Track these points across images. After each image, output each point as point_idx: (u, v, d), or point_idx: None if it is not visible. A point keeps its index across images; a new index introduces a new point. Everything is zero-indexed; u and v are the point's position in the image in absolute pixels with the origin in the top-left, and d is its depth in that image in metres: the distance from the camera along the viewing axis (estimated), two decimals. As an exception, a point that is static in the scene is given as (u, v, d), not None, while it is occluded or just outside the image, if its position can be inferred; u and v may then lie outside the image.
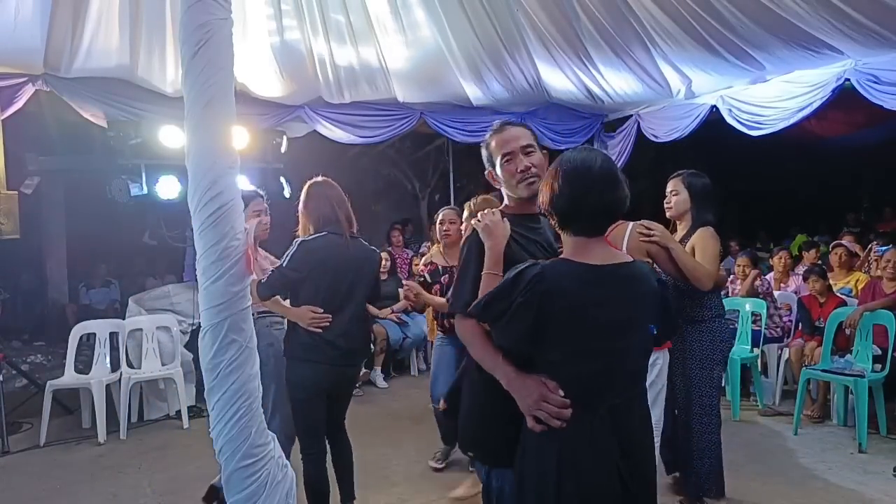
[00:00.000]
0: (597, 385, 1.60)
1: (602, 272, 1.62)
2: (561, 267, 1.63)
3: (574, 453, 1.56)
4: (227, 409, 2.09)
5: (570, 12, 4.79)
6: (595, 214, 1.64)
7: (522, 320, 1.58)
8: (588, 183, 1.61)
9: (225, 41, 2.12)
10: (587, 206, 1.61)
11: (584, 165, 1.63)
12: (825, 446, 4.20)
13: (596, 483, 1.56)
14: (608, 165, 1.65)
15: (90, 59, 4.71)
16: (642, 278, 1.69)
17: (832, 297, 5.13)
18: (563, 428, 1.55)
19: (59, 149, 6.92)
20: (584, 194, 1.61)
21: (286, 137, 6.02)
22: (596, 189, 1.61)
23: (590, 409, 1.58)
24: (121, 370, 4.94)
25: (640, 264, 1.76)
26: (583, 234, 1.65)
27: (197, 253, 2.13)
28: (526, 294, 1.57)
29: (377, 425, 4.85)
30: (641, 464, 1.64)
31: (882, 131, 7.63)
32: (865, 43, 4.12)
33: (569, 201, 1.62)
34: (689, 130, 5.91)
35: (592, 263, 1.62)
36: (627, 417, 1.63)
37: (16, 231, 4.68)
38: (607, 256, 1.66)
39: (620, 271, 1.65)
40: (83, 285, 8.97)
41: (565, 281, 1.59)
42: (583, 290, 1.60)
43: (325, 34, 5.11)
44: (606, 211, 1.65)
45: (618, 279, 1.64)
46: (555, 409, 1.55)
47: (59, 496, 3.78)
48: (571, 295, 1.58)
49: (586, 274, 1.61)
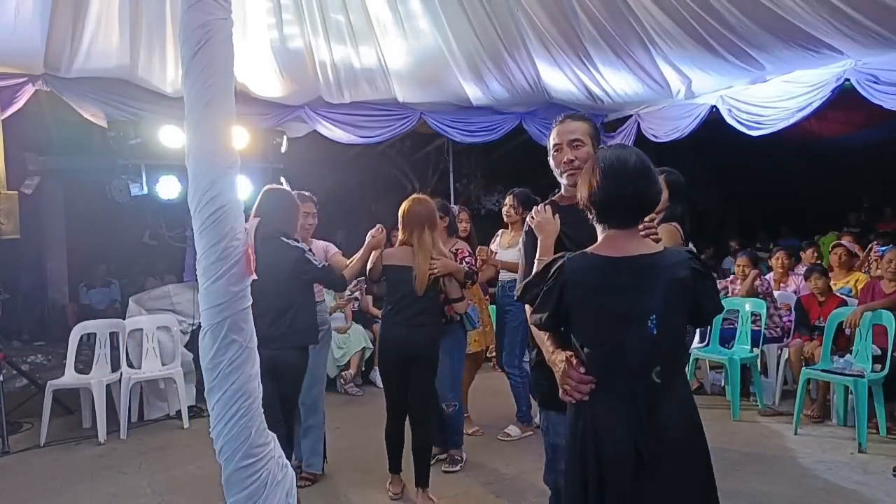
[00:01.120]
0: (616, 366, 1.73)
1: (620, 263, 1.74)
2: (581, 260, 1.78)
3: (595, 423, 1.73)
4: (227, 409, 2.09)
5: (569, 12, 4.79)
6: (630, 209, 1.76)
7: (547, 305, 1.79)
8: (624, 179, 1.73)
9: (225, 41, 2.11)
10: (623, 200, 1.74)
11: (621, 162, 1.75)
12: (825, 446, 4.20)
13: (612, 452, 1.70)
14: (642, 162, 1.77)
15: (90, 59, 4.72)
16: (670, 269, 1.76)
17: (832, 297, 5.13)
18: (590, 403, 1.74)
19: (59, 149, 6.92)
20: (620, 190, 1.73)
21: (286, 137, 6.02)
22: (631, 184, 1.73)
23: (611, 387, 1.73)
24: (121, 370, 4.94)
25: (671, 255, 1.81)
26: (617, 226, 1.78)
27: (197, 253, 2.13)
28: (550, 283, 1.78)
29: (377, 425, 4.83)
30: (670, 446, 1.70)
31: (882, 131, 7.63)
32: (865, 43, 4.12)
33: (606, 196, 1.74)
34: (689, 130, 5.92)
35: (612, 256, 1.75)
36: (653, 400, 1.71)
37: (16, 231, 4.68)
38: (634, 247, 1.77)
39: (640, 262, 1.75)
40: (83, 285, 8.97)
41: (583, 273, 1.75)
42: (600, 280, 1.74)
43: (325, 34, 5.11)
44: (641, 205, 1.77)
45: (636, 269, 1.74)
46: (574, 384, 1.74)
47: (59, 496, 3.78)
48: (588, 285, 1.75)
49: (605, 266, 1.75)
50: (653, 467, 1.68)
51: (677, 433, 1.73)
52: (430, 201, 3.56)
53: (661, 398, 1.72)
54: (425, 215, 3.44)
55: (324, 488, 3.72)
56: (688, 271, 1.76)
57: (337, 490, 3.71)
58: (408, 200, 3.54)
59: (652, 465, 1.68)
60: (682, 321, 1.82)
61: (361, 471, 3.97)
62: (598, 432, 1.73)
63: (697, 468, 1.77)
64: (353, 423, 5.00)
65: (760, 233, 12.04)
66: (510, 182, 6.28)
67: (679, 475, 1.72)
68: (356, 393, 5.80)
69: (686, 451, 1.75)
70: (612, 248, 1.76)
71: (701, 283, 1.79)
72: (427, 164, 10.70)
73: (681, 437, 1.74)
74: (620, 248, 1.76)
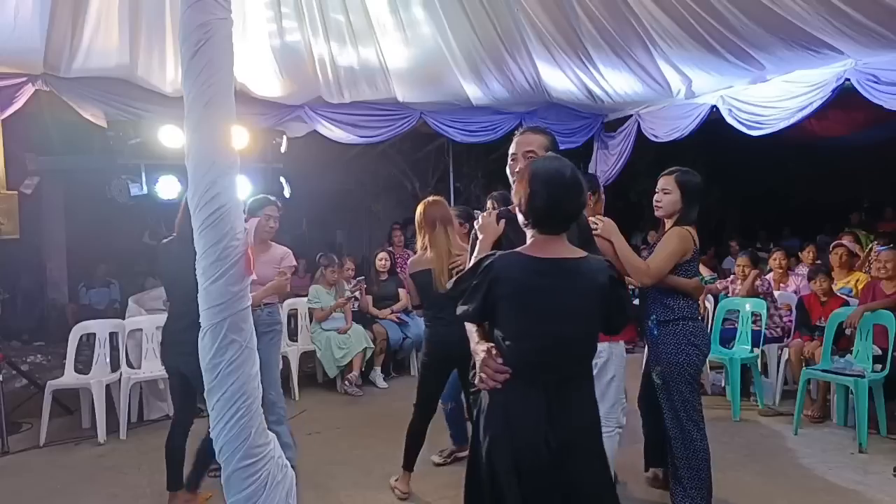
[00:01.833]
0: (534, 361, 1.86)
1: (546, 264, 1.88)
2: (510, 258, 1.91)
3: (510, 415, 1.86)
4: (227, 409, 2.09)
5: (570, 12, 4.79)
6: (563, 218, 1.91)
7: (475, 298, 1.90)
8: (562, 190, 1.87)
9: (225, 41, 2.11)
10: (558, 210, 1.88)
11: (560, 174, 1.88)
12: (825, 446, 4.20)
13: (524, 444, 1.84)
14: (576, 175, 1.91)
15: (90, 59, 4.72)
16: (588, 273, 1.90)
17: (834, 297, 5.13)
18: (504, 391, 1.86)
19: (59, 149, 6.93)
20: (555, 200, 1.87)
21: (286, 137, 6.02)
22: (567, 196, 1.88)
23: (527, 380, 1.86)
24: (121, 370, 4.94)
25: (592, 261, 1.95)
26: (549, 232, 1.91)
27: (197, 253, 2.13)
28: (479, 277, 1.90)
29: (377, 425, 4.85)
30: (574, 438, 1.86)
31: (882, 131, 7.62)
32: (865, 43, 4.12)
33: (545, 205, 1.87)
34: (689, 130, 5.91)
35: (539, 256, 1.89)
36: (564, 394, 1.86)
37: (16, 231, 4.69)
38: (560, 251, 1.91)
39: (565, 265, 1.89)
40: (83, 285, 8.97)
41: (511, 270, 1.87)
42: (526, 278, 1.87)
43: (325, 34, 5.11)
44: (571, 215, 1.92)
45: (561, 272, 1.88)
46: (491, 373, 1.87)
47: (59, 496, 3.78)
48: (515, 282, 1.87)
49: (532, 265, 1.88)
50: (559, 456, 1.82)
51: (583, 426, 1.89)
52: (442, 202, 3.60)
53: (571, 393, 1.88)
54: (438, 215, 3.49)
55: (324, 488, 3.71)
56: (606, 278, 1.90)
57: (337, 490, 3.71)
58: (421, 204, 3.60)
59: (558, 455, 1.82)
60: (597, 323, 1.94)
61: (361, 471, 3.97)
62: (511, 421, 1.86)
63: (597, 459, 1.93)
64: (353, 423, 5.00)
65: (760, 233, 12.05)
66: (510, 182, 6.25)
67: (582, 465, 1.87)
68: (356, 393, 5.80)
69: (589, 443, 1.91)
70: (539, 250, 1.90)
71: (615, 290, 1.91)
72: (427, 164, 10.70)
73: (586, 429, 1.90)
74: (547, 251, 1.89)
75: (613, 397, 3.14)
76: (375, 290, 6.53)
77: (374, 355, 6.11)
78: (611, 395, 3.14)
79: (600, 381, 3.17)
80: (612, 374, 3.13)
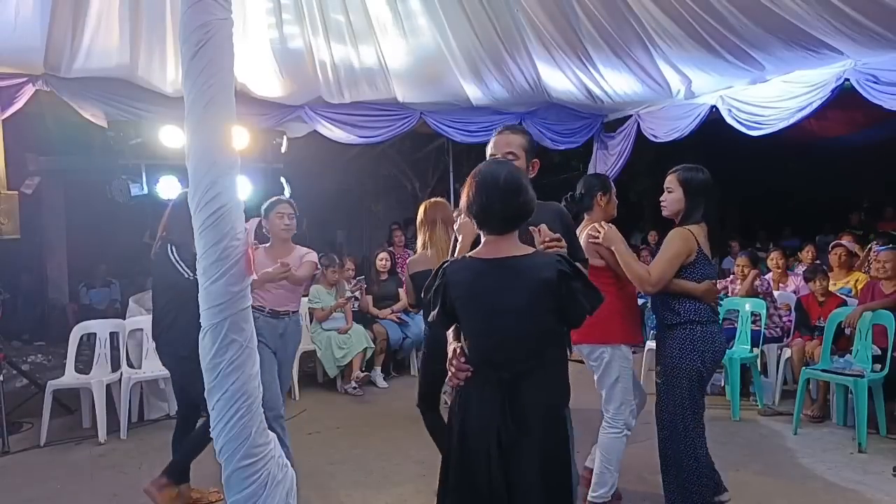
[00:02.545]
0: (488, 359, 1.95)
1: (491, 264, 1.95)
2: (460, 262, 2.03)
3: (469, 406, 1.98)
4: (227, 409, 2.10)
5: (569, 12, 4.79)
6: (502, 218, 1.95)
7: (436, 304, 2.00)
8: (494, 192, 1.93)
9: (225, 41, 2.12)
10: (494, 211, 1.94)
11: (493, 178, 1.95)
12: (825, 446, 4.20)
13: (477, 433, 1.93)
14: (511, 177, 1.96)
15: (90, 59, 4.72)
16: (534, 270, 1.93)
17: (832, 297, 5.13)
18: (466, 388, 1.98)
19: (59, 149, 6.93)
20: (490, 202, 1.93)
21: (286, 137, 6.02)
22: (499, 197, 1.92)
23: (484, 377, 1.95)
24: (121, 370, 4.94)
25: (538, 257, 1.99)
26: (494, 233, 1.98)
27: (197, 253, 2.13)
28: (437, 283, 2.01)
29: (377, 425, 4.86)
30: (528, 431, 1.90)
31: (882, 131, 7.62)
32: (865, 43, 4.12)
33: (480, 208, 1.95)
34: (689, 130, 5.91)
35: (486, 258, 1.97)
36: (517, 390, 1.92)
37: (16, 231, 4.69)
38: (506, 250, 1.96)
39: (507, 263, 1.94)
40: (83, 285, 8.98)
41: (461, 274, 1.98)
42: (473, 279, 1.96)
43: (325, 34, 5.11)
44: (511, 215, 1.95)
45: (504, 271, 1.94)
46: (454, 371, 1.98)
47: (59, 496, 3.78)
48: (464, 285, 1.97)
49: (479, 266, 1.97)
50: (511, 449, 1.89)
51: (535, 421, 1.91)
52: (445, 203, 3.63)
53: (524, 388, 1.92)
54: (439, 215, 3.52)
55: (324, 488, 3.71)
56: (553, 273, 1.90)
57: (337, 490, 3.71)
58: (423, 204, 3.63)
59: (510, 448, 1.89)
60: (548, 318, 1.94)
61: (361, 471, 3.97)
62: (467, 414, 1.97)
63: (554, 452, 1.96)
64: (353, 423, 5.00)
65: (760, 233, 12.06)
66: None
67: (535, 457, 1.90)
68: (357, 393, 5.80)
69: (542, 436, 1.92)
70: (487, 251, 1.98)
71: (566, 284, 1.90)
72: (427, 164, 10.71)
73: (537, 425, 1.92)
74: (494, 251, 1.97)
75: (620, 398, 3.13)
76: (376, 289, 6.53)
77: (375, 355, 6.12)
78: (617, 397, 3.13)
79: (604, 382, 3.17)
80: (615, 375, 3.11)
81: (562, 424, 2.01)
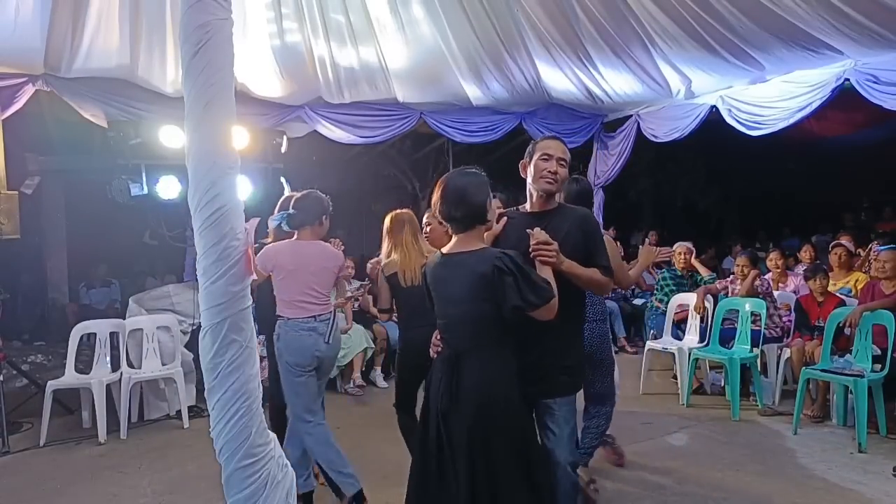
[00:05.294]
0: (445, 337, 2.38)
1: (447, 259, 2.34)
2: (433, 258, 2.43)
3: (434, 372, 2.40)
4: (227, 409, 2.09)
5: (569, 12, 4.79)
6: (453, 219, 2.31)
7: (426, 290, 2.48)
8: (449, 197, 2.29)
9: (225, 41, 2.12)
10: (447, 214, 2.31)
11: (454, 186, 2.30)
12: (825, 446, 4.20)
13: (432, 395, 2.36)
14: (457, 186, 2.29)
15: (90, 59, 4.72)
16: (475, 264, 2.23)
17: (831, 296, 5.13)
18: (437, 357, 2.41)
19: (59, 149, 6.92)
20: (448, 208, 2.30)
21: (286, 137, 6.02)
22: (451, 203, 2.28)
23: (443, 354, 2.36)
24: (121, 370, 4.95)
25: (483, 253, 2.26)
26: (458, 232, 2.32)
27: (197, 253, 2.13)
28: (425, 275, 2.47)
29: (377, 425, 4.85)
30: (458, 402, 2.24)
31: (882, 131, 7.63)
32: (865, 43, 4.12)
33: (442, 212, 2.32)
34: (688, 130, 5.92)
35: (445, 252, 2.36)
36: (459, 365, 2.27)
37: (16, 231, 4.68)
38: (460, 247, 2.31)
39: (455, 258, 2.30)
40: (83, 285, 8.97)
41: (430, 267, 2.42)
42: (436, 271, 2.38)
43: (325, 34, 5.11)
44: (460, 216, 2.29)
45: (453, 264, 2.31)
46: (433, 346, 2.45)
47: (59, 496, 3.78)
48: (431, 276, 2.41)
49: (441, 260, 2.36)
50: (446, 414, 2.27)
51: (469, 394, 2.23)
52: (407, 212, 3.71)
53: (466, 365, 2.25)
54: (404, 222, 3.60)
55: (324, 488, 3.71)
56: (488, 268, 2.18)
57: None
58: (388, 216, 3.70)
59: (445, 413, 2.27)
60: (484, 306, 2.22)
61: (361, 471, 3.96)
62: (432, 378, 2.40)
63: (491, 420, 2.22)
64: (353, 423, 5.00)
65: (760, 233, 12.05)
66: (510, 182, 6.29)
67: (462, 424, 2.22)
68: (356, 393, 5.80)
69: (472, 412, 2.22)
70: (449, 248, 2.35)
71: (500, 278, 2.16)
72: (427, 164, 10.69)
73: (472, 397, 2.23)
74: (454, 248, 2.33)
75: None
76: (376, 290, 6.51)
77: (375, 355, 6.11)
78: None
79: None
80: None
81: (495, 402, 2.23)
